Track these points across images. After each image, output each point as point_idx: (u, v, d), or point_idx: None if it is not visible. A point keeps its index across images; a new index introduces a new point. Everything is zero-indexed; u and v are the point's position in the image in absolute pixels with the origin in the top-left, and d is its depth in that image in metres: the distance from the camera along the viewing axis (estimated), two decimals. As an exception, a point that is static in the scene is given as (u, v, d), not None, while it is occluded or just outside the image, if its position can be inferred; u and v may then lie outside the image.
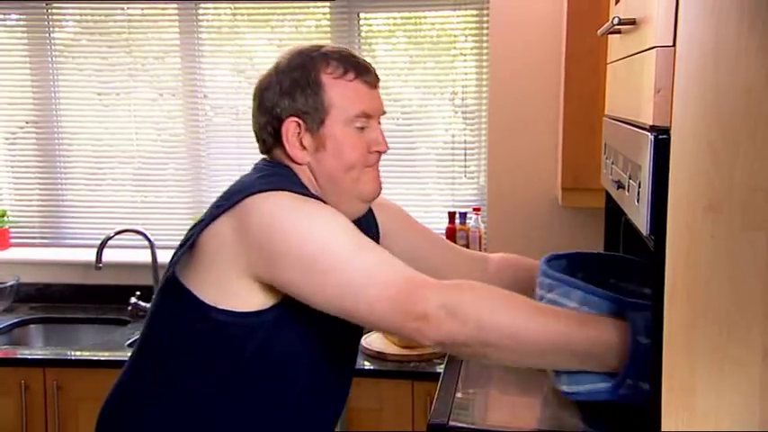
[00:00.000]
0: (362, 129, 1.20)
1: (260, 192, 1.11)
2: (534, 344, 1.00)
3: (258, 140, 1.26)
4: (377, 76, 1.25)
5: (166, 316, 1.20)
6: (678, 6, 0.86)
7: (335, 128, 1.18)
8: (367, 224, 1.36)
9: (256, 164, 1.26)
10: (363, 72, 1.21)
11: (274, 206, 1.10)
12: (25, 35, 2.84)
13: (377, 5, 2.67)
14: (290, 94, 1.18)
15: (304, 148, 1.20)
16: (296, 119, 1.18)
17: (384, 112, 1.27)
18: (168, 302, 1.19)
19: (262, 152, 1.27)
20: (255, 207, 1.10)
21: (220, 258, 1.12)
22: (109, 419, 1.27)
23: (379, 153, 1.24)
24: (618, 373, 1.02)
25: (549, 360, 1.05)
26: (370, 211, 1.37)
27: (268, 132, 1.21)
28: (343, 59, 1.20)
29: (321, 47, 1.22)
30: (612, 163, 1.24)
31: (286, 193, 1.13)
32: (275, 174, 1.19)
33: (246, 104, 2.71)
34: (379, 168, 1.28)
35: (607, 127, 1.39)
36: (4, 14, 2.86)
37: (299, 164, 1.21)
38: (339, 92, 1.18)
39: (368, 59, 1.27)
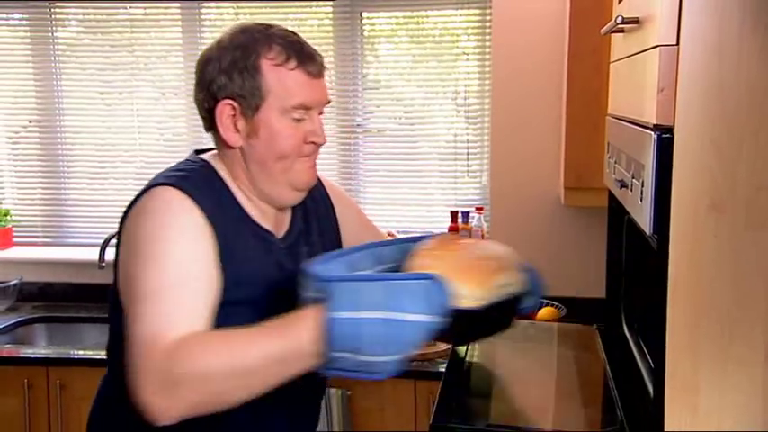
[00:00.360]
0: (300, 120, 1.16)
1: (156, 185, 1.12)
2: (241, 376, 0.95)
3: (200, 116, 1.22)
4: (322, 65, 1.19)
5: (115, 309, 1.16)
6: (681, 5, 0.86)
7: (270, 116, 1.14)
8: (326, 212, 1.36)
9: (187, 156, 1.25)
10: (306, 61, 1.15)
11: (152, 202, 1.11)
12: (28, 35, 2.84)
13: (379, 5, 2.67)
14: (227, 73, 1.14)
15: (237, 131, 1.16)
16: (231, 101, 1.15)
17: (328, 102, 1.22)
18: (112, 294, 1.17)
19: (206, 130, 1.23)
20: (143, 198, 1.12)
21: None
22: (96, 417, 1.28)
23: (316, 144, 1.19)
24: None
25: (272, 377, 0.97)
26: (328, 200, 1.38)
27: (205, 110, 1.19)
28: (288, 45, 1.15)
29: (269, 27, 1.18)
30: (615, 162, 1.24)
31: (174, 192, 1.10)
32: (187, 169, 1.17)
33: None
34: (317, 159, 1.24)
35: (610, 126, 1.39)
36: (7, 14, 2.86)
37: (232, 147, 1.18)
38: (278, 80, 1.14)
39: (370, 59, 1.26)
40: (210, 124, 1.20)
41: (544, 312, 2.39)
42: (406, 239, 1.22)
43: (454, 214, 2.61)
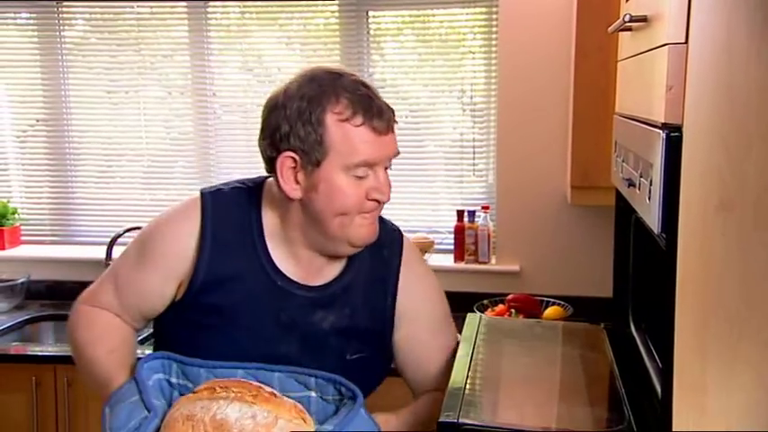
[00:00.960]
0: (363, 177, 1.12)
1: (202, 190, 1.24)
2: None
3: (263, 158, 1.19)
4: (391, 120, 1.13)
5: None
6: (690, 3, 0.85)
7: (332, 172, 1.10)
8: (381, 286, 1.26)
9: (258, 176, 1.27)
10: (374, 117, 1.10)
11: (185, 201, 1.24)
12: (35, 34, 2.85)
13: (385, 4, 2.66)
14: (292, 123, 1.10)
15: (298, 183, 1.13)
16: (293, 154, 1.11)
17: (396, 155, 1.16)
18: None
19: (267, 172, 1.20)
20: None
21: None
22: None
23: (378, 202, 1.15)
24: None
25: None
26: (396, 270, 1.27)
27: (267, 156, 1.16)
28: (356, 100, 1.10)
29: (340, 76, 1.13)
30: (623, 161, 1.23)
31: (196, 201, 1.21)
32: (239, 185, 1.24)
33: (255, 102, 2.71)
34: (378, 215, 1.19)
35: (618, 125, 1.39)
36: (15, 13, 2.87)
37: (291, 199, 1.14)
38: (342, 136, 1.09)
39: (376, 58, 1.24)
40: (271, 170, 1.16)
41: (551, 311, 2.38)
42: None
43: (460, 213, 2.61)
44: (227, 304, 1.16)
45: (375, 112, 1.11)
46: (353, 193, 1.11)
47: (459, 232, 2.61)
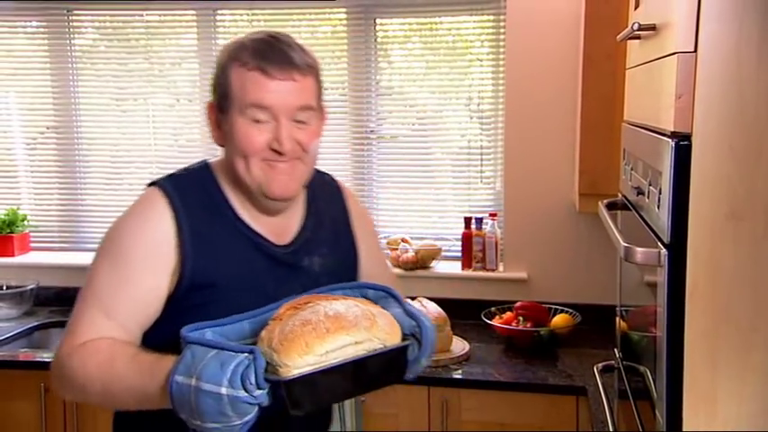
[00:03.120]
0: (260, 121, 1.15)
1: (151, 184, 1.24)
2: (102, 397, 1.11)
3: None
4: (293, 67, 1.15)
5: None
6: (699, 12, 0.85)
7: (234, 116, 1.17)
8: (344, 228, 1.37)
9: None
10: (268, 62, 1.14)
11: (137, 202, 1.23)
12: (46, 42, 2.87)
13: (393, 11, 2.67)
14: (215, 75, 1.21)
15: (220, 129, 1.21)
16: (213, 102, 1.22)
17: (305, 107, 1.17)
18: None
19: None
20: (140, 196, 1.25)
21: None
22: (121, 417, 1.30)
23: (276, 152, 1.16)
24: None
25: (131, 406, 1.11)
26: (347, 216, 1.38)
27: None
28: (258, 47, 1.16)
29: (271, 37, 1.19)
30: (632, 169, 1.23)
31: (156, 194, 1.20)
32: (185, 169, 1.27)
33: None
34: (293, 174, 1.20)
35: (626, 133, 1.39)
36: (26, 21, 2.89)
37: (221, 145, 1.23)
38: (236, 79, 1.16)
39: (384, 65, 1.25)
40: None
41: (559, 319, 2.38)
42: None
43: (468, 220, 2.60)
44: (224, 274, 1.18)
45: (270, 57, 1.15)
46: (251, 135, 1.15)
47: (466, 239, 2.61)
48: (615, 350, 1.63)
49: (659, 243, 0.95)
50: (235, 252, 1.20)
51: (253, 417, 0.96)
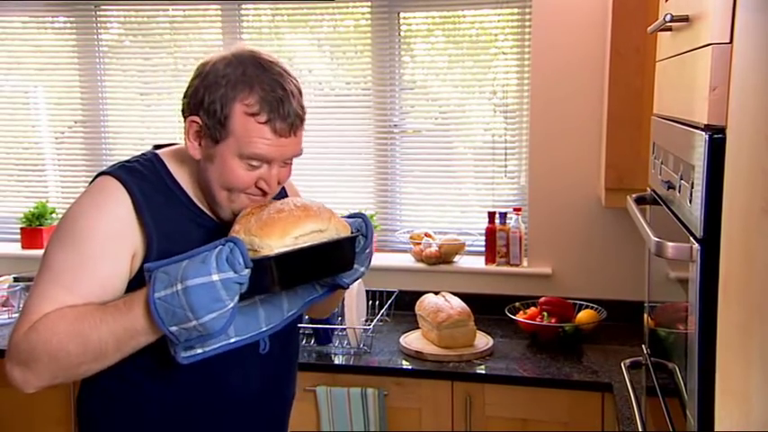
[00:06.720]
0: (254, 166, 1.18)
1: (101, 174, 1.23)
2: (83, 354, 1.10)
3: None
4: (297, 124, 1.18)
5: None
6: (736, 2, 0.84)
7: (227, 153, 1.17)
8: None
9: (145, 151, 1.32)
10: (278, 119, 1.16)
11: (90, 188, 1.23)
12: (73, 37, 2.91)
13: (417, 4, 2.66)
14: (207, 95, 1.17)
15: (200, 145, 1.20)
16: (199, 121, 1.18)
17: (298, 154, 1.23)
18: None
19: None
20: (89, 185, 1.25)
21: None
22: (85, 397, 1.30)
23: (263, 192, 1.21)
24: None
25: (119, 351, 1.11)
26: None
27: (182, 112, 1.23)
28: (267, 99, 1.15)
29: (265, 69, 1.18)
30: (662, 163, 1.21)
31: (111, 181, 1.20)
32: (135, 161, 1.25)
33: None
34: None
35: (656, 126, 1.37)
36: (53, 17, 2.93)
37: (198, 159, 1.22)
38: (243, 127, 1.15)
39: (407, 59, 1.25)
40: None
41: (584, 315, 2.36)
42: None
43: (491, 215, 2.59)
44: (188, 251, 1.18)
45: (281, 114, 1.16)
46: (242, 176, 1.19)
47: (490, 234, 2.59)
48: (643, 346, 1.61)
49: (691, 238, 0.93)
50: (192, 233, 1.23)
51: (236, 301, 1.06)
